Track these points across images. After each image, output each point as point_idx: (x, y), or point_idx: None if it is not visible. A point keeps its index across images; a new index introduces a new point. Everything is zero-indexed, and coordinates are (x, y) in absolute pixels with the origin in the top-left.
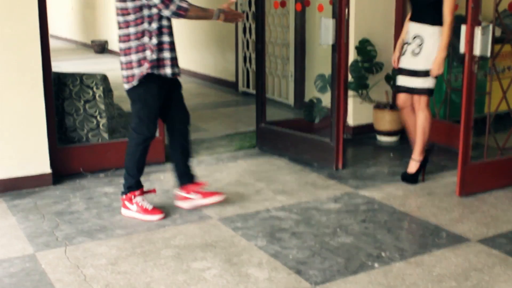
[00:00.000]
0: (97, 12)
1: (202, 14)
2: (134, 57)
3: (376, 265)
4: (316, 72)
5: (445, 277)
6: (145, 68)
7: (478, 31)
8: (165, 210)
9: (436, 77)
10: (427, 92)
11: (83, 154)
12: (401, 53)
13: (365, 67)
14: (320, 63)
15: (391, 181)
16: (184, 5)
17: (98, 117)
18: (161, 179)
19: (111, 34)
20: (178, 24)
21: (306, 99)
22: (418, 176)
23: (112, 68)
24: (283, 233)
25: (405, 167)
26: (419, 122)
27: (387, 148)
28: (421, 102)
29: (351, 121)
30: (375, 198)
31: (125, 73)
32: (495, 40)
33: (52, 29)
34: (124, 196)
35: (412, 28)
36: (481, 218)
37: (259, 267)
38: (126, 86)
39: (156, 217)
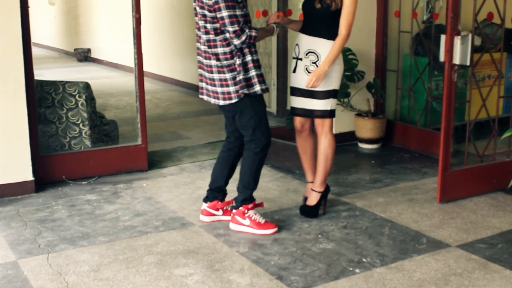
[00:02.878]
0: (80, 20)
1: (265, 35)
2: (228, 75)
3: (357, 270)
4: None
5: (425, 282)
6: (240, 88)
7: (457, 40)
8: (147, 217)
9: (336, 96)
10: (330, 114)
11: (66, 162)
12: (292, 70)
13: (346, 76)
14: None
15: (372, 188)
16: (253, 33)
17: (81, 125)
18: (143, 186)
19: (94, 43)
20: (160, 32)
21: (288, 107)
22: (318, 209)
23: (95, 76)
24: (265, 240)
25: (386, 174)
26: (322, 148)
27: (369, 156)
28: (324, 126)
29: (333, 129)
30: (357, 204)
31: (219, 89)
32: (475, 49)
33: (34, 37)
34: (235, 211)
35: (304, 41)
36: (461, 224)
37: (241, 273)
38: (222, 102)
39: (270, 230)
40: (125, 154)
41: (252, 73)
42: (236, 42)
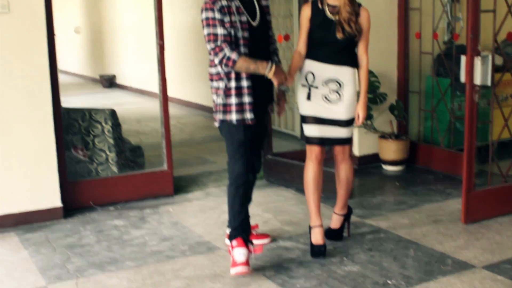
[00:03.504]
0: (104, 47)
1: (252, 66)
2: (214, 97)
3: None
4: None
5: None
6: (216, 112)
7: (477, 61)
8: (174, 242)
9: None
10: (351, 141)
11: (93, 188)
12: (306, 98)
13: (369, 98)
14: None
15: (397, 210)
16: (232, 56)
17: (107, 151)
18: (170, 211)
19: (119, 69)
20: (184, 58)
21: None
22: (343, 232)
23: (120, 102)
24: (291, 263)
25: (410, 196)
26: (344, 173)
27: (393, 177)
28: (345, 152)
29: (357, 151)
30: (381, 227)
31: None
32: (497, 69)
33: (60, 64)
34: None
35: (322, 70)
36: (486, 245)
37: None
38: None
39: (234, 270)
40: (151, 180)
41: (232, 100)
42: (216, 61)
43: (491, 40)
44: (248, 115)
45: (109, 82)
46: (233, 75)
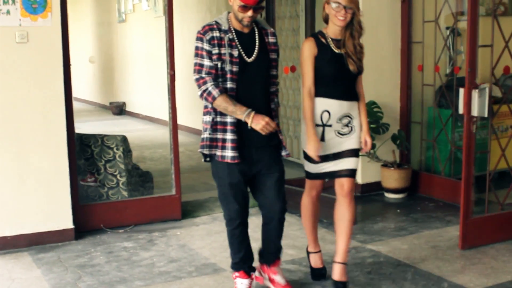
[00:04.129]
0: (115, 75)
1: (230, 108)
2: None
3: None
4: None
5: None
6: (201, 147)
7: (475, 93)
8: (181, 263)
9: None
10: (355, 175)
11: (104, 211)
12: (320, 139)
13: (372, 128)
14: None
15: (397, 235)
16: (214, 92)
17: (118, 176)
18: (177, 234)
19: (129, 96)
20: (193, 87)
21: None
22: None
23: (130, 129)
24: (293, 285)
25: (411, 222)
26: (349, 212)
27: (394, 205)
28: (350, 185)
29: (359, 179)
30: (381, 251)
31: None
32: (496, 101)
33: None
34: None
35: (338, 107)
36: (482, 270)
37: None
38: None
39: None
40: (160, 204)
41: (219, 135)
42: (198, 93)
43: (493, 74)
44: (230, 153)
45: (119, 109)
46: (218, 110)
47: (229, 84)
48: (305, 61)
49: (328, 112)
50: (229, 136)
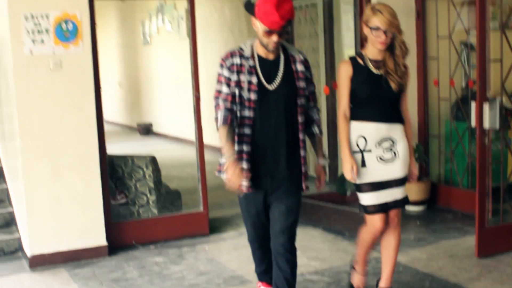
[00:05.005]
0: (142, 97)
1: (223, 141)
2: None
3: None
4: None
5: None
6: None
7: (486, 106)
8: (210, 276)
9: None
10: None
11: (135, 228)
12: (361, 165)
13: None
14: None
15: (416, 246)
16: (220, 120)
17: (148, 195)
18: (205, 249)
19: (156, 117)
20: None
21: (339, 174)
22: None
23: (157, 150)
24: None
25: (430, 233)
26: (398, 241)
27: (414, 217)
28: (399, 216)
29: None
30: (401, 261)
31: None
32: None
33: None
34: None
35: (376, 131)
36: (497, 277)
37: None
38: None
39: None
40: (188, 220)
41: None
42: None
43: (504, 87)
44: (243, 182)
45: (146, 130)
46: (236, 138)
47: (246, 112)
48: (340, 84)
49: (364, 138)
50: (244, 165)
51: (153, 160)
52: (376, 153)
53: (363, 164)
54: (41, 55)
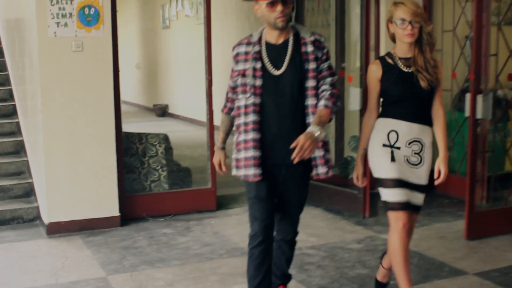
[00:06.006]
0: (159, 79)
1: (221, 126)
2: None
3: None
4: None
5: None
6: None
7: (479, 98)
8: (214, 247)
9: None
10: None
11: (146, 201)
12: (390, 159)
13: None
14: (355, 126)
15: None
16: (223, 109)
17: (160, 171)
18: (212, 223)
19: (172, 98)
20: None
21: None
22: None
23: (172, 130)
24: (310, 266)
25: (425, 216)
26: (408, 246)
27: None
28: (413, 222)
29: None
30: None
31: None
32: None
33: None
34: None
35: (407, 129)
36: (482, 257)
37: None
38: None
39: None
40: (197, 196)
41: (241, 154)
42: None
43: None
44: (252, 171)
45: (162, 111)
46: (241, 128)
47: (252, 99)
48: (369, 85)
49: (396, 132)
50: (250, 153)
51: (165, 138)
52: (404, 153)
53: (393, 158)
54: (64, 37)
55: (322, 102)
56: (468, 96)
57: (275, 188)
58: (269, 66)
